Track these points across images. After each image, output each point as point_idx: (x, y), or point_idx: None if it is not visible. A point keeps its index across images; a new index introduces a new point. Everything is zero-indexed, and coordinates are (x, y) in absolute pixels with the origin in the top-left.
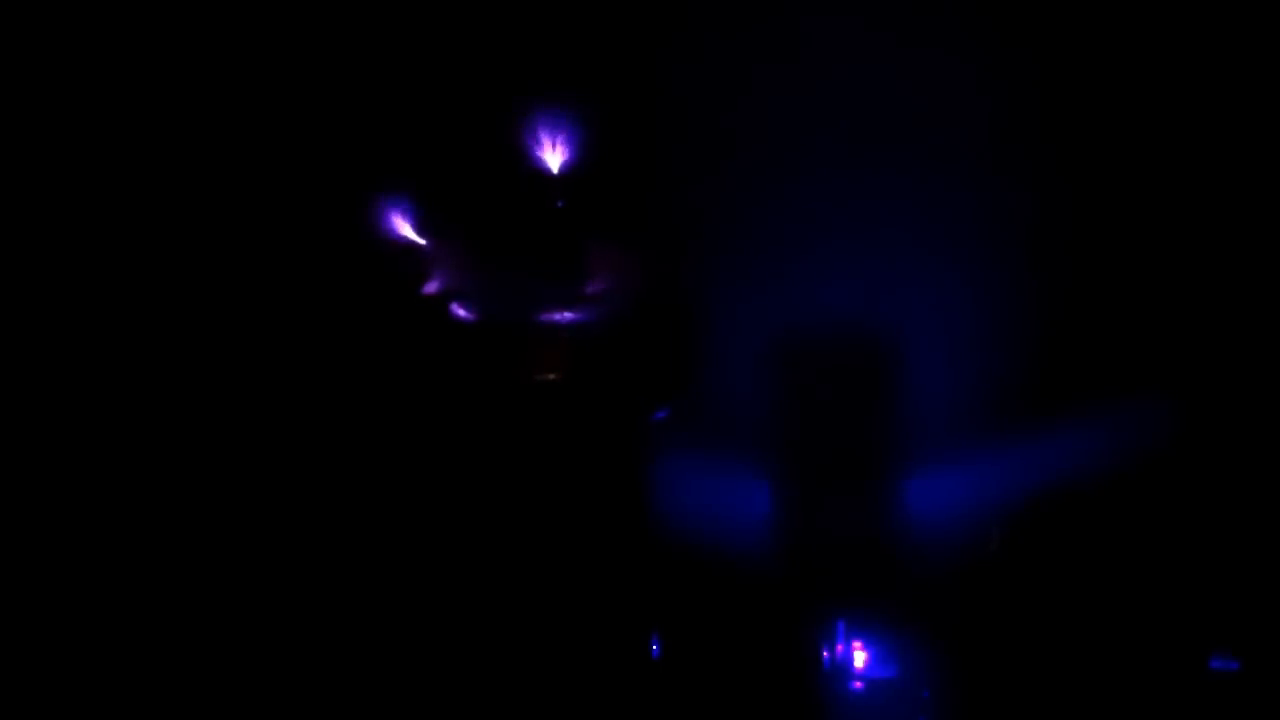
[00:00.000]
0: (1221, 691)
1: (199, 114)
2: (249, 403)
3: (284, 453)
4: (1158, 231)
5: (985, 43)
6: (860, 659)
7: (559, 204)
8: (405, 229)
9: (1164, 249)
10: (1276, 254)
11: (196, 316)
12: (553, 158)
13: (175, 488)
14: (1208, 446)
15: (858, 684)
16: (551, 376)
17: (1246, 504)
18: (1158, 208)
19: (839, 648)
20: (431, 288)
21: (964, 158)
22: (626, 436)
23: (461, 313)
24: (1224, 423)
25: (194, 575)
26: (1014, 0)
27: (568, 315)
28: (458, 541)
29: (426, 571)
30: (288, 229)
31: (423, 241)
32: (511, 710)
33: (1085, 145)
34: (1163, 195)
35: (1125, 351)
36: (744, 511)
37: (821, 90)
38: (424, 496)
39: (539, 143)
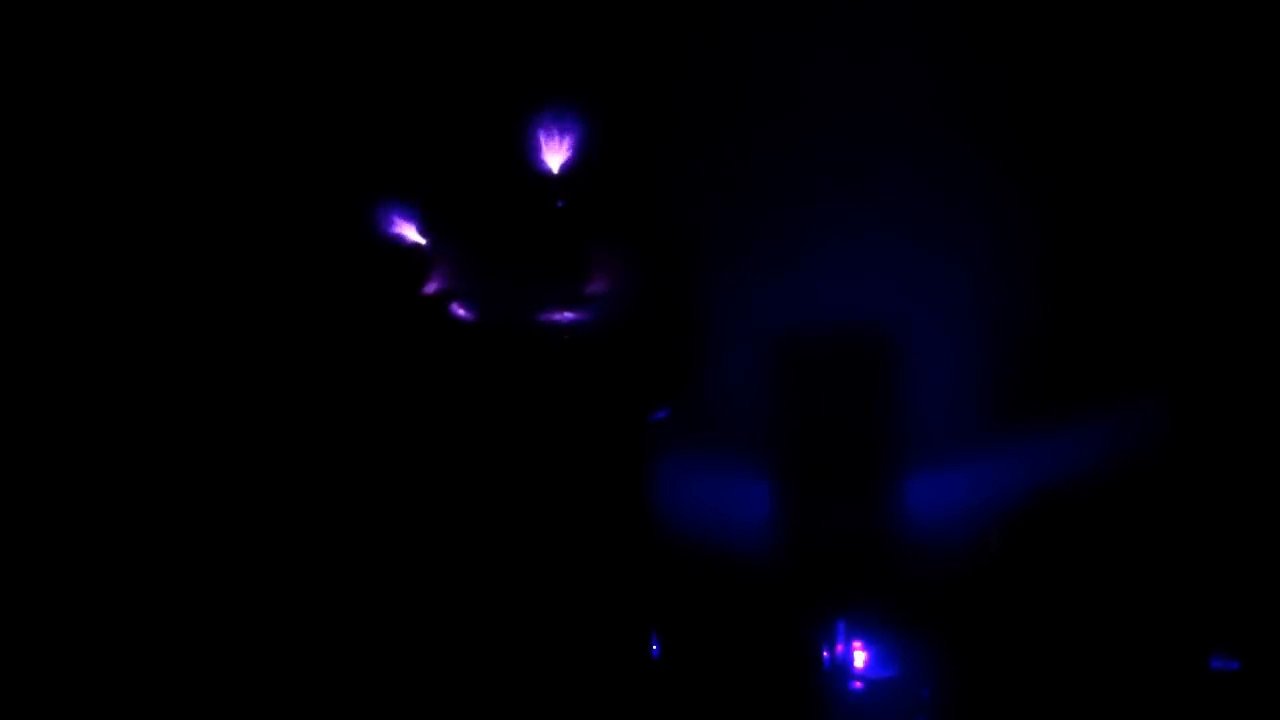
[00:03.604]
0: (1221, 691)
1: (203, 116)
2: (249, 402)
3: (283, 452)
4: (1158, 231)
5: (985, 42)
6: (860, 659)
7: (559, 204)
8: (406, 229)
9: (1164, 249)
10: (1275, 254)
11: (198, 316)
12: (554, 158)
13: (175, 487)
14: (1207, 446)
15: (858, 684)
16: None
17: (1246, 504)
18: (1159, 208)
19: (839, 648)
20: (431, 288)
21: (965, 158)
22: (626, 436)
23: (461, 313)
24: (1223, 423)
25: (194, 575)
26: (1016, 5)
27: (568, 315)
28: (458, 541)
29: (427, 571)
30: (289, 229)
31: (423, 241)
32: (512, 710)
33: (1086, 145)
34: (1163, 195)
35: (1124, 351)
36: (744, 511)
37: (822, 90)
38: (424, 496)
39: (540, 143)
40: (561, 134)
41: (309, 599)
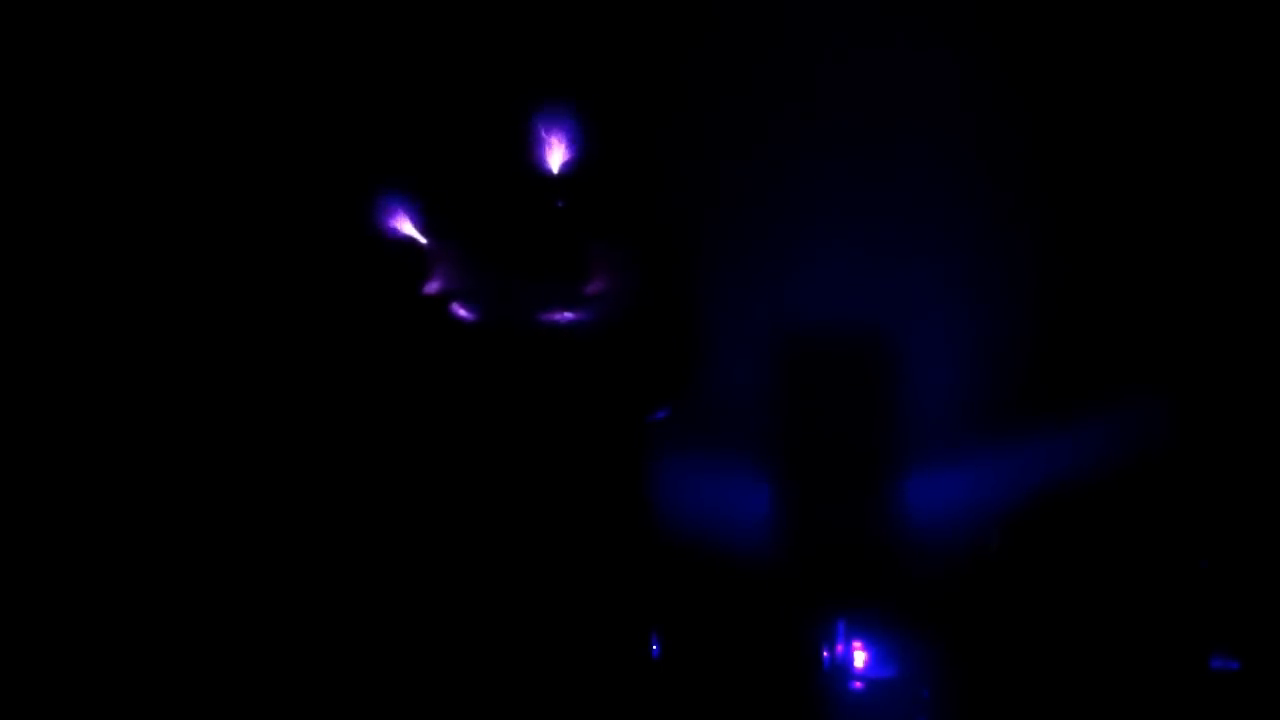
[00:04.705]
0: (1221, 691)
1: (202, 115)
2: (247, 401)
3: (281, 451)
4: (1157, 232)
5: (987, 45)
6: (860, 659)
7: (559, 204)
8: (405, 228)
9: (1164, 249)
10: (1276, 254)
11: (196, 315)
12: (554, 158)
13: (172, 486)
14: (1208, 446)
15: (858, 684)
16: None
17: (1246, 504)
18: (1158, 208)
19: (839, 648)
20: (431, 288)
21: (965, 159)
22: (626, 436)
23: (462, 313)
24: (1223, 423)
25: (193, 574)
26: (1014, 4)
27: (568, 315)
28: (457, 541)
29: (425, 571)
30: (288, 229)
31: (423, 241)
32: (511, 710)
33: (1085, 146)
34: (1162, 195)
35: (1124, 351)
36: (744, 511)
37: (823, 91)
38: (423, 496)
39: (540, 142)
40: (561, 134)
41: (307, 598)
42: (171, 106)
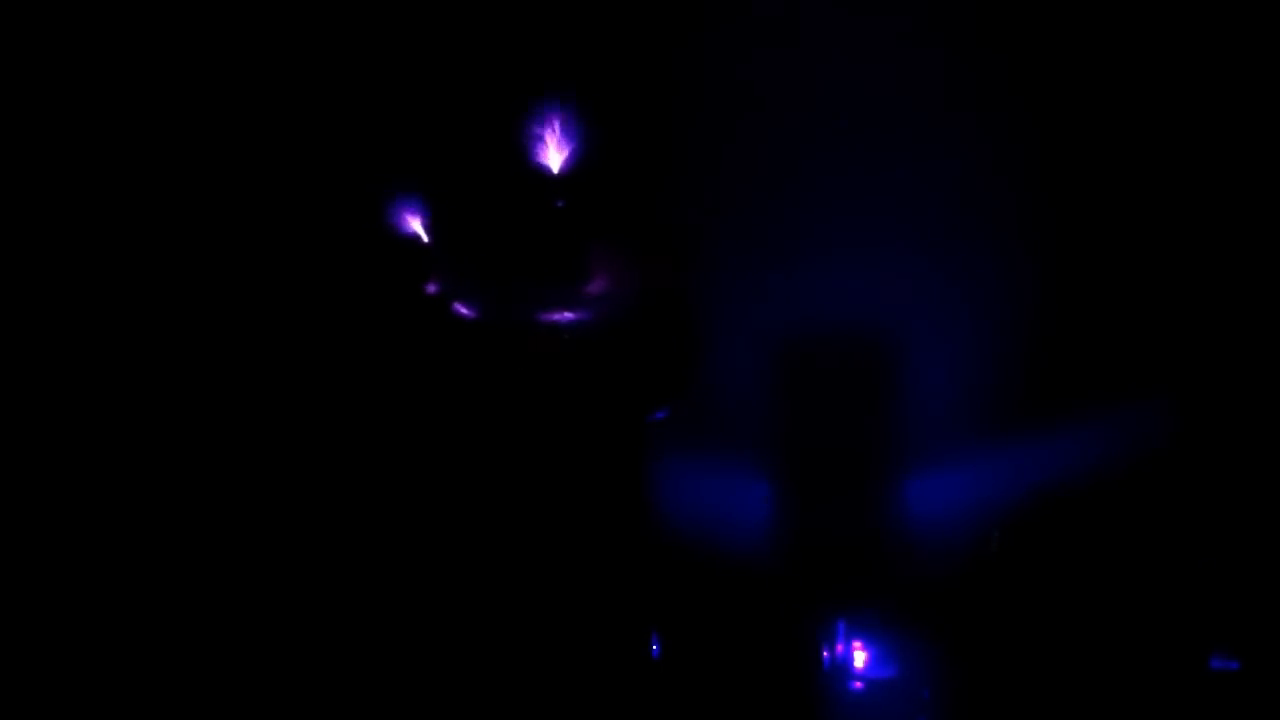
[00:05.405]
0: (1221, 691)
1: (204, 115)
2: (249, 399)
3: (283, 449)
4: (1157, 232)
5: (987, 45)
6: (860, 659)
7: (559, 204)
8: (405, 228)
9: (1163, 249)
10: (1276, 254)
11: (200, 314)
12: (554, 157)
13: (174, 486)
14: (1207, 447)
15: (858, 684)
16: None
17: (1246, 504)
18: (1157, 209)
19: (839, 648)
20: (432, 287)
21: (965, 160)
22: (626, 436)
23: (462, 312)
24: (1223, 423)
25: (194, 574)
26: (1014, 6)
27: (568, 315)
28: (457, 541)
29: (426, 571)
30: (291, 229)
31: (423, 240)
32: (512, 710)
33: (1084, 146)
34: (1162, 196)
35: (1124, 351)
36: (744, 511)
37: (824, 92)
38: (424, 495)
39: (540, 142)
40: (562, 134)
41: (308, 598)
42: (177, 108)
